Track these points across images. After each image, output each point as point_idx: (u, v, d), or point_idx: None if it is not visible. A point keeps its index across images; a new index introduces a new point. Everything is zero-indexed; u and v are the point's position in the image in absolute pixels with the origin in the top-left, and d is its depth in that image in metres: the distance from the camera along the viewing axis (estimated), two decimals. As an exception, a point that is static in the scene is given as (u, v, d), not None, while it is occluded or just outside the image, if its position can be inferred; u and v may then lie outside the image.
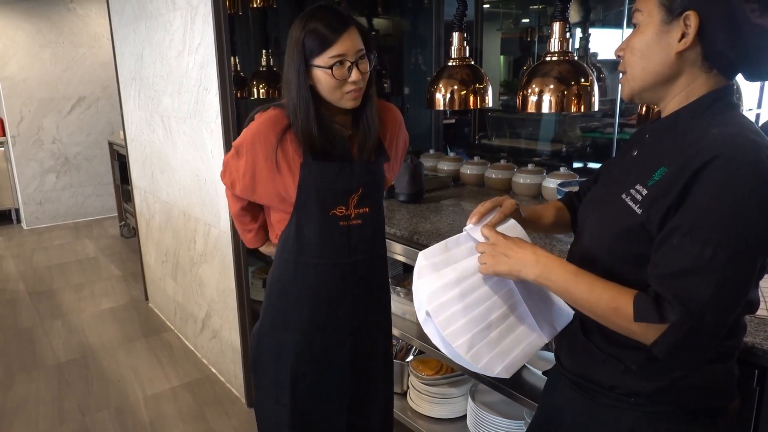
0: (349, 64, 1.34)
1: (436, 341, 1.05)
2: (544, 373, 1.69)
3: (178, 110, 2.68)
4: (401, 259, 2.03)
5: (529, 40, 3.92)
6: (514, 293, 1.06)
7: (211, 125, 2.37)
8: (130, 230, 5.18)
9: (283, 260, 1.54)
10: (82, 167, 5.87)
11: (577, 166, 3.14)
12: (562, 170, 2.38)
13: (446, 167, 2.85)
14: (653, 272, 0.86)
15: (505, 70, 4.34)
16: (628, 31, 2.40)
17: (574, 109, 1.69)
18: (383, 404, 1.72)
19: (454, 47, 2.07)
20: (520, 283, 1.04)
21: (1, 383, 2.81)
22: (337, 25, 1.33)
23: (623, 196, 0.93)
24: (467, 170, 2.73)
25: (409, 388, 2.24)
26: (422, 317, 1.06)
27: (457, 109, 2.11)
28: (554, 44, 1.70)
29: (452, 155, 3.13)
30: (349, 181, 1.46)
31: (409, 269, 2.40)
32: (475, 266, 1.04)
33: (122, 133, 3.67)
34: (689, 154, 0.84)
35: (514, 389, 1.72)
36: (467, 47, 2.08)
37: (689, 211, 0.82)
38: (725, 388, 0.95)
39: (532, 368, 1.75)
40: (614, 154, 2.96)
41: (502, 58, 4.29)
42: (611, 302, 0.87)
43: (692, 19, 0.84)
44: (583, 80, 1.67)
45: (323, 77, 1.36)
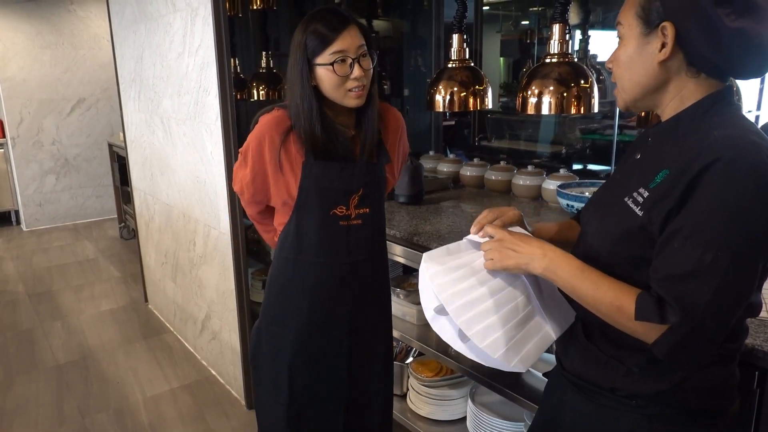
0: (350, 60, 1.36)
1: (447, 337, 1.04)
2: (544, 374, 1.68)
3: (178, 112, 2.68)
4: (401, 260, 2.03)
5: (528, 42, 3.92)
6: (525, 287, 1.05)
7: (211, 127, 2.37)
8: (129, 232, 5.18)
9: (282, 259, 1.54)
10: (81, 169, 5.87)
11: (576, 167, 3.13)
12: (561, 172, 2.38)
13: (446, 169, 2.85)
14: (655, 275, 0.86)
15: (504, 71, 4.34)
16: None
17: (573, 110, 1.69)
18: (383, 405, 1.72)
19: (453, 49, 2.07)
20: (530, 277, 1.04)
21: (0, 384, 2.81)
22: (337, 23, 1.35)
23: (626, 198, 0.93)
24: (467, 172, 2.73)
25: (408, 389, 2.23)
26: (431, 315, 1.05)
27: (456, 110, 2.11)
28: (554, 46, 1.71)
29: (452, 157, 3.13)
30: (350, 181, 1.47)
31: (408, 271, 2.39)
32: (482, 263, 1.04)
33: (122, 134, 3.67)
34: (690, 156, 0.84)
35: (513, 391, 1.71)
36: (467, 49, 2.08)
37: (690, 214, 0.83)
38: (726, 389, 0.95)
39: (531, 370, 1.75)
40: (614, 155, 2.96)
41: (501, 59, 4.30)
42: (615, 300, 0.88)
43: (669, 29, 0.86)
44: (582, 82, 1.67)
45: (326, 75, 1.37)
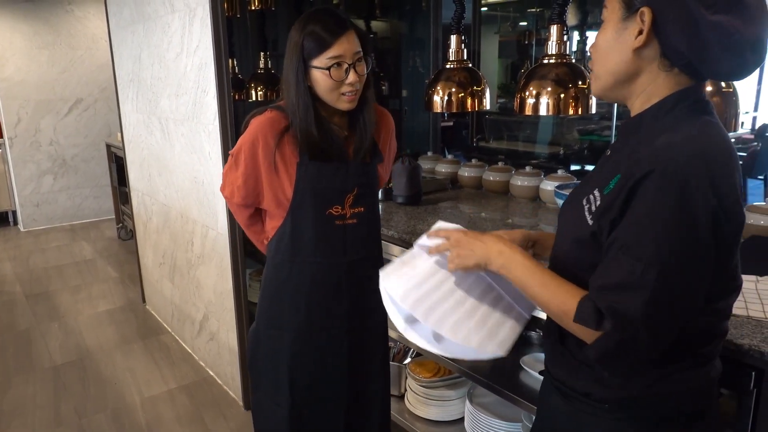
0: (346, 66, 1.37)
1: (423, 343, 1.05)
2: (540, 373, 1.68)
3: (175, 112, 2.68)
4: (399, 261, 2.03)
5: (526, 43, 3.93)
6: (485, 278, 1.08)
7: (208, 127, 2.37)
8: (127, 232, 5.17)
9: (278, 261, 1.54)
10: (79, 169, 5.86)
11: (574, 168, 3.14)
12: (559, 173, 2.38)
13: (444, 169, 2.86)
14: (592, 282, 0.86)
15: (502, 73, 4.35)
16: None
17: (571, 111, 1.69)
18: (381, 405, 1.72)
19: (451, 50, 2.07)
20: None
21: (-3, 386, 2.81)
22: (335, 27, 1.36)
23: (583, 200, 0.92)
24: (465, 172, 2.74)
25: (406, 390, 2.23)
26: (402, 326, 1.07)
27: (454, 111, 2.11)
28: (552, 47, 1.71)
29: (450, 157, 3.14)
30: (345, 181, 1.48)
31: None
32: (437, 263, 1.06)
33: (120, 135, 3.67)
34: (632, 164, 0.83)
35: (511, 391, 1.72)
36: (465, 50, 2.09)
37: (625, 225, 0.83)
38: (699, 394, 0.94)
39: (529, 370, 1.76)
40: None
41: (499, 60, 4.30)
42: (561, 305, 0.89)
43: (646, 15, 0.83)
44: (580, 83, 1.68)
45: (321, 78, 1.38)
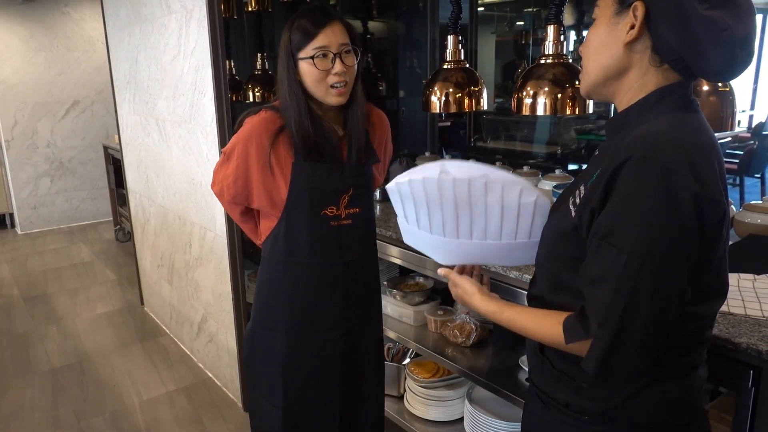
0: (332, 55, 1.37)
1: (416, 241, 1.16)
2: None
3: (173, 114, 2.67)
4: (397, 261, 2.03)
5: (523, 43, 3.93)
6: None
7: (206, 129, 2.36)
8: (125, 234, 5.16)
9: (273, 261, 1.54)
10: (76, 171, 5.86)
11: (572, 168, 3.14)
12: (557, 172, 2.38)
13: (442, 170, 2.85)
14: (581, 280, 0.86)
15: (499, 72, 4.35)
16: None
17: (568, 111, 1.69)
18: (375, 405, 1.73)
19: (449, 50, 2.07)
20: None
21: (-5, 389, 2.80)
22: (320, 18, 1.37)
23: (570, 197, 0.92)
24: (463, 173, 2.73)
25: (405, 391, 2.23)
26: (401, 221, 1.16)
27: (452, 111, 2.11)
28: (549, 47, 1.71)
29: (448, 158, 3.13)
30: (340, 181, 1.47)
31: (405, 272, 2.39)
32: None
33: (117, 136, 3.66)
34: (614, 154, 0.82)
35: (510, 391, 1.72)
36: (462, 50, 2.09)
37: (605, 215, 0.81)
38: (679, 405, 0.92)
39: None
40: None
41: (496, 60, 4.30)
42: (547, 337, 0.92)
43: (639, 9, 0.82)
44: (577, 83, 1.68)
45: (308, 69, 1.38)
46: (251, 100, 3.09)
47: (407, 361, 2.33)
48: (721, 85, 1.54)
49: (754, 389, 1.14)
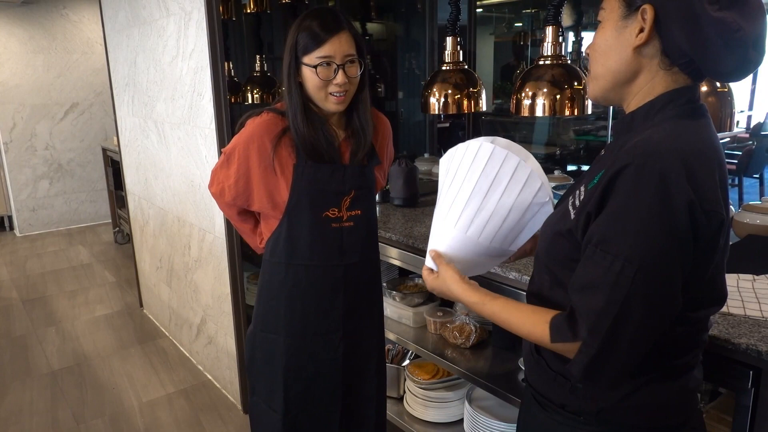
0: (335, 66, 1.37)
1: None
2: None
3: (172, 116, 2.67)
4: (397, 263, 2.03)
5: (522, 44, 3.93)
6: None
7: (205, 130, 2.36)
8: (124, 236, 5.16)
9: (274, 263, 1.54)
10: (75, 173, 5.85)
11: (571, 168, 3.15)
12: (556, 173, 2.39)
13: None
14: (570, 285, 0.85)
15: (498, 73, 4.35)
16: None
17: (567, 112, 1.69)
18: (376, 408, 1.72)
19: (447, 52, 2.07)
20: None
21: (-6, 392, 2.79)
22: (331, 25, 1.36)
23: (570, 196, 0.92)
24: (462, 174, 2.73)
25: (405, 392, 2.23)
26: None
27: (451, 113, 2.11)
28: (547, 48, 1.71)
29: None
30: (342, 182, 1.47)
31: (404, 273, 2.39)
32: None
33: (116, 138, 3.66)
34: (614, 159, 0.82)
35: (510, 392, 1.72)
36: (461, 51, 2.09)
37: (602, 220, 0.81)
38: (673, 407, 0.92)
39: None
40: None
41: (495, 61, 4.31)
42: (530, 334, 0.91)
43: (648, 12, 0.82)
44: (576, 84, 1.68)
45: (310, 75, 1.38)
46: (250, 101, 3.09)
47: (407, 362, 2.33)
48: (719, 85, 1.54)
49: (753, 390, 1.14)
